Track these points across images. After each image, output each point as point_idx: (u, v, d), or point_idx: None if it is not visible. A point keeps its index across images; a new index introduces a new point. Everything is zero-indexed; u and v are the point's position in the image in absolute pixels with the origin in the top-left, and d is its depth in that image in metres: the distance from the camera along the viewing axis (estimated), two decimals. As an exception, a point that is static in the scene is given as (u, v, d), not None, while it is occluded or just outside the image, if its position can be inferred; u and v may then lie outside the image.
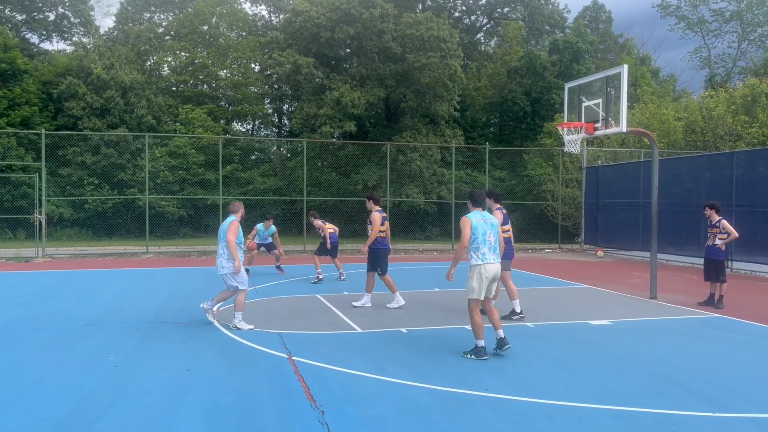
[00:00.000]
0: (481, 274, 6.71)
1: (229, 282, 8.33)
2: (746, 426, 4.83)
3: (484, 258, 6.70)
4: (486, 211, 7.10)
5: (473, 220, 6.72)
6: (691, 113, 25.64)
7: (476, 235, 6.68)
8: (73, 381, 5.87)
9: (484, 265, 6.70)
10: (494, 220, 6.96)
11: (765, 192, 15.23)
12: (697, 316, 9.61)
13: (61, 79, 28.26)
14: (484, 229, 6.73)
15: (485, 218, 6.85)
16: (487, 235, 6.73)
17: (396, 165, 28.33)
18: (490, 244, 6.74)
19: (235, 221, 8.34)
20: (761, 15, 43.98)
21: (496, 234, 6.87)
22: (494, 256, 6.79)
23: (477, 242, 6.68)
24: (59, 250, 20.25)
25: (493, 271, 6.76)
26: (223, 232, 8.33)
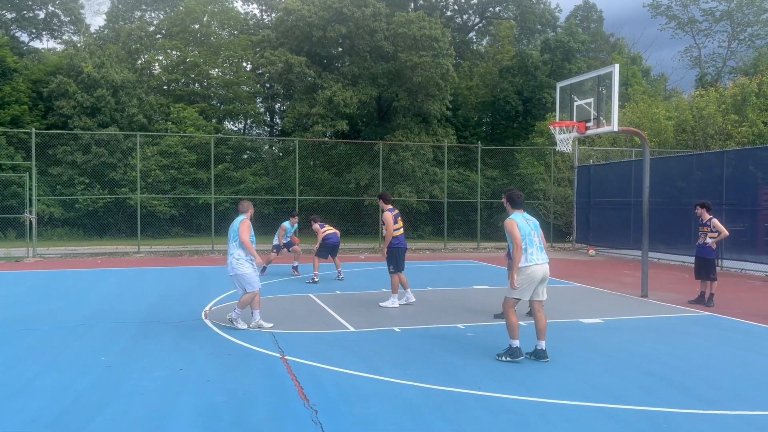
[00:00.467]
0: (528, 275, 6.56)
1: (236, 282, 8.30)
2: (737, 423, 4.87)
3: (531, 259, 6.57)
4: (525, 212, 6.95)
5: (518, 221, 6.65)
6: (681, 112, 25.80)
7: (523, 236, 6.59)
8: (65, 381, 5.84)
9: (532, 267, 6.56)
10: (535, 220, 6.90)
11: (755, 191, 15.35)
12: (688, 314, 9.68)
13: (51, 77, 28.09)
14: (529, 230, 6.65)
15: (527, 219, 6.80)
16: (532, 236, 6.65)
17: (388, 164, 28.34)
18: (536, 245, 6.65)
19: (246, 220, 8.30)
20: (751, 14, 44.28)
21: (539, 234, 6.79)
22: (542, 257, 6.65)
23: (524, 243, 6.57)
24: (50, 250, 20.13)
25: (542, 273, 6.60)
26: (234, 231, 8.26)
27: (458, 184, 30.73)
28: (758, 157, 15.80)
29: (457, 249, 23.29)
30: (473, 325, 8.53)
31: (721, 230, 10.41)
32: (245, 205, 8.57)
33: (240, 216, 8.41)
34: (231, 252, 8.26)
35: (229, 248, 8.33)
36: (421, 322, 8.70)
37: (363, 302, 10.43)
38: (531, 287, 6.60)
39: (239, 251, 8.18)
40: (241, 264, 8.14)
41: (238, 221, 8.29)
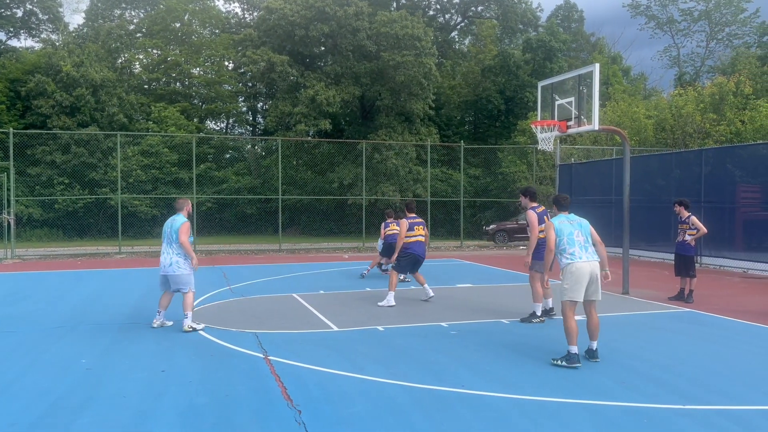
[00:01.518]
0: (573, 273, 6.51)
1: (173, 282, 8.09)
2: (715, 417, 4.95)
3: (574, 257, 6.53)
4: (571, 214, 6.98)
5: (556, 223, 6.73)
6: (661, 111, 26.11)
7: (561, 236, 6.63)
8: (45, 384, 5.77)
9: (575, 263, 6.50)
10: (582, 221, 6.86)
11: (732, 189, 15.58)
12: (668, 310, 9.80)
13: (29, 76, 27.74)
14: (570, 230, 6.66)
15: (571, 220, 6.82)
16: (574, 235, 6.63)
17: (372, 163, 28.35)
18: (581, 243, 6.60)
19: (186, 222, 8.10)
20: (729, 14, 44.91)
21: (586, 233, 6.74)
22: (587, 255, 6.57)
23: (563, 243, 6.60)
24: (29, 251, 19.88)
25: (588, 270, 6.49)
26: (174, 232, 8.06)
27: (441, 183, 30.84)
28: (736, 156, 16.03)
29: (440, 248, 23.36)
30: (456, 324, 8.56)
31: (700, 227, 10.55)
32: (181, 203, 8.35)
33: (178, 215, 8.22)
34: (171, 252, 8.04)
35: (164, 248, 8.11)
36: (405, 321, 8.72)
37: (347, 302, 10.43)
38: (580, 285, 6.48)
39: (181, 251, 8.05)
40: (182, 265, 8.04)
41: (178, 222, 8.08)
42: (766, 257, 14.48)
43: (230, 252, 21.28)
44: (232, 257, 19.45)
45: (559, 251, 6.65)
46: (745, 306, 10.18)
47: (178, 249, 8.03)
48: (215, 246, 22.58)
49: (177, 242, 8.01)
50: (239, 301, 10.43)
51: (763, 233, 14.92)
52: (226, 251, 21.49)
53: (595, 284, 6.56)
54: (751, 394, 5.52)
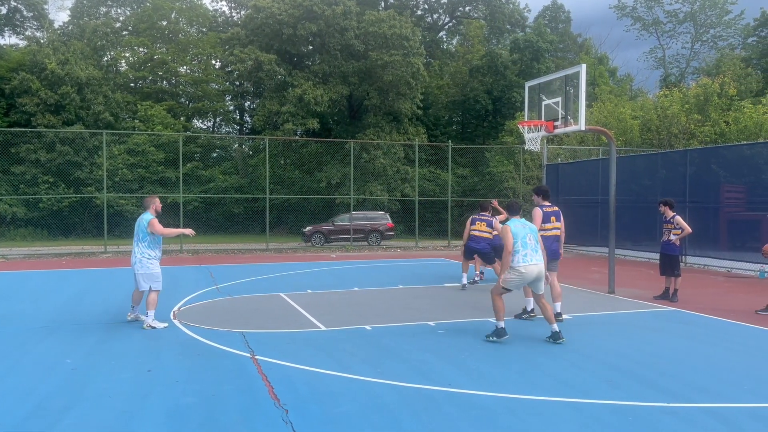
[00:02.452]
0: (522, 273, 7.22)
1: (142, 280, 8.26)
2: (699, 415, 4.99)
3: (526, 259, 7.22)
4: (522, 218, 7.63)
5: (512, 227, 7.33)
6: (647, 112, 26.32)
7: (516, 239, 7.24)
8: (29, 385, 5.72)
9: (526, 265, 7.21)
10: (532, 226, 7.58)
11: (717, 189, 15.74)
12: (653, 309, 9.88)
13: (13, 74, 27.43)
14: (524, 234, 7.31)
15: (523, 224, 7.48)
16: (527, 239, 7.29)
17: (360, 162, 28.33)
18: (531, 246, 7.29)
19: (153, 219, 8.24)
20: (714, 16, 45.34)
21: (535, 237, 7.42)
22: (536, 258, 7.30)
23: (518, 245, 7.23)
24: (12, 251, 19.67)
25: (536, 271, 7.25)
26: (141, 231, 8.24)
27: (429, 183, 30.88)
28: (720, 156, 16.20)
29: (428, 247, 23.39)
30: (444, 323, 8.58)
31: (684, 227, 10.64)
32: (147, 201, 8.52)
33: (145, 213, 8.37)
34: (139, 251, 8.24)
35: (135, 246, 8.28)
36: (393, 320, 8.72)
37: (334, 301, 10.42)
38: (521, 283, 7.38)
39: (148, 250, 8.23)
40: (151, 262, 8.23)
41: (146, 219, 8.24)
42: (750, 257, 14.63)
43: (217, 251, 21.19)
44: (219, 257, 19.37)
45: (513, 251, 7.25)
46: (728, 305, 10.29)
47: (144, 248, 8.24)
48: (202, 245, 22.46)
49: (143, 241, 8.23)
50: (226, 301, 10.39)
51: (747, 233, 15.08)
52: (212, 251, 21.39)
53: (539, 282, 7.36)
54: (734, 392, 5.58)
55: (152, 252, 8.31)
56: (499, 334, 7.34)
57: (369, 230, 24.07)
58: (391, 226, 24.65)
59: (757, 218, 14.67)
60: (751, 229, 14.91)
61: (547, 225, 8.63)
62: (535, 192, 9.07)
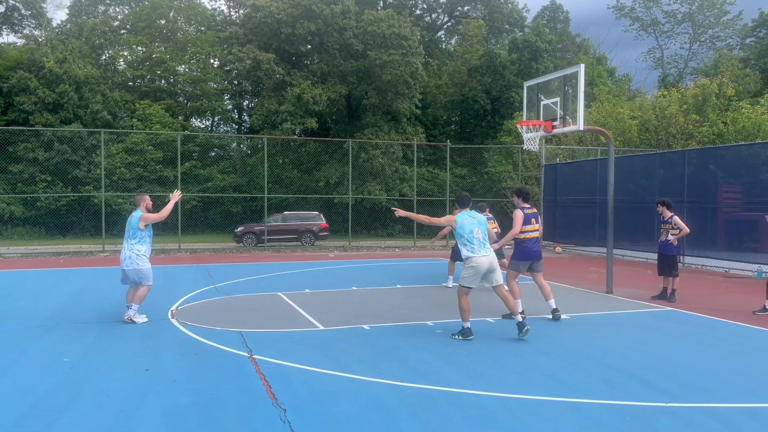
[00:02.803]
0: (473, 266, 7.35)
1: (133, 277, 8.37)
2: (697, 415, 5.00)
3: (474, 252, 7.34)
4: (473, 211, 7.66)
5: (459, 220, 7.42)
6: (645, 112, 26.33)
7: (463, 232, 7.36)
8: (26, 384, 5.71)
9: (475, 257, 7.32)
10: (482, 218, 7.59)
11: (714, 189, 15.75)
12: (651, 309, 9.89)
13: (11, 72, 27.38)
14: (471, 227, 7.38)
15: (472, 217, 7.52)
16: (474, 232, 7.37)
17: (358, 162, 28.33)
18: (479, 240, 7.38)
19: (144, 214, 8.42)
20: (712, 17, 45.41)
21: (484, 231, 7.49)
22: (484, 250, 7.39)
23: (464, 239, 7.35)
24: (10, 250, 19.64)
25: (486, 263, 7.32)
26: (131, 227, 8.38)
27: (427, 183, 30.88)
28: (718, 156, 16.21)
29: (426, 247, 23.39)
30: (442, 322, 8.58)
31: (682, 227, 10.65)
32: (138, 198, 8.70)
33: (136, 211, 8.53)
34: (129, 247, 8.36)
35: (125, 243, 8.41)
36: (390, 320, 8.72)
37: (332, 300, 10.42)
38: (478, 277, 7.39)
39: (138, 246, 8.36)
40: (140, 259, 8.33)
41: (136, 217, 8.40)
42: (747, 257, 14.65)
43: (215, 251, 21.17)
44: (217, 256, 19.35)
45: (461, 244, 7.41)
46: (726, 305, 10.31)
47: (134, 244, 8.35)
48: (200, 244, 22.43)
49: (133, 237, 8.34)
50: (224, 300, 10.38)
51: (744, 233, 15.10)
52: (211, 250, 21.36)
53: (494, 273, 7.42)
54: (732, 392, 5.58)
55: (141, 248, 8.41)
56: (465, 334, 7.45)
57: (303, 231, 23.69)
58: (324, 226, 24.16)
59: (754, 218, 14.69)
60: (749, 230, 14.93)
61: (527, 227, 8.67)
62: (516, 193, 9.06)
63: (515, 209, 8.86)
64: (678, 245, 11.04)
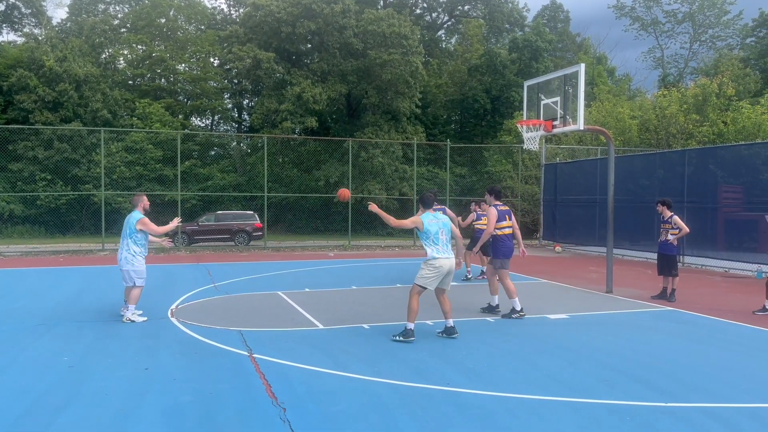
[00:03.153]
0: (435, 267, 7.27)
1: (127, 276, 8.43)
2: (696, 415, 5.00)
3: (439, 252, 7.27)
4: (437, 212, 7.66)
5: (425, 221, 7.36)
6: (645, 112, 26.33)
7: (429, 233, 7.29)
8: (25, 382, 5.70)
9: (439, 259, 7.26)
10: (446, 220, 7.53)
11: (714, 189, 15.75)
12: (651, 309, 9.89)
13: (11, 71, 27.36)
14: (436, 229, 7.34)
15: (437, 218, 7.46)
16: (439, 234, 7.33)
17: (358, 161, 28.32)
18: (443, 242, 7.33)
19: (142, 218, 8.51)
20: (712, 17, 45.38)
21: (447, 233, 7.44)
22: (447, 252, 7.35)
23: (429, 240, 7.30)
24: (10, 248, 19.64)
25: (448, 265, 7.29)
26: (129, 228, 8.46)
27: (427, 182, 30.87)
28: (718, 156, 16.21)
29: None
30: (442, 322, 8.57)
31: (682, 227, 10.65)
32: (136, 199, 8.81)
33: (134, 212, 8.61)
34: (125, 247, 8.45)
35: (122, 243, 8.51)
36: (390, 319, 8.72)
37: (332, 299, 10.41)
38: (438, 278, 7.30)
39: (134, 246, 8.46)
40: (135, 259, 8.43)
41: (134, 218, 8.49)
42: (747, 257, 14.66)
43: (215, 249, 21.16)
44: (217, 255, 19.35)
45: (426, 244, 7.32)
46: (726, 305, 10.30)
47: (131, 244, 8.44)
48: (200, 243, 22.42)
49: (130, 237, 8.44)
50: (224, 299, 10.38)
51: (744, 233, 15.10)
52: (210, 249, 21.35)
53: (450, 277, 7.39)
54: (731, 392, 5.58)
55: (137, 248, 8.50)
56: (406, 335, 7.32)
57: (236, 230, 23.29)
58: (258, 226, 23.60)
59: (754, 218, 14.69)
60: (749, 230, 14.93)
61: (502, 223, 8.89)
62: (489, 192, 9.21)
63: (489, 207, 9.00)
64: (678, 245, 11.03)
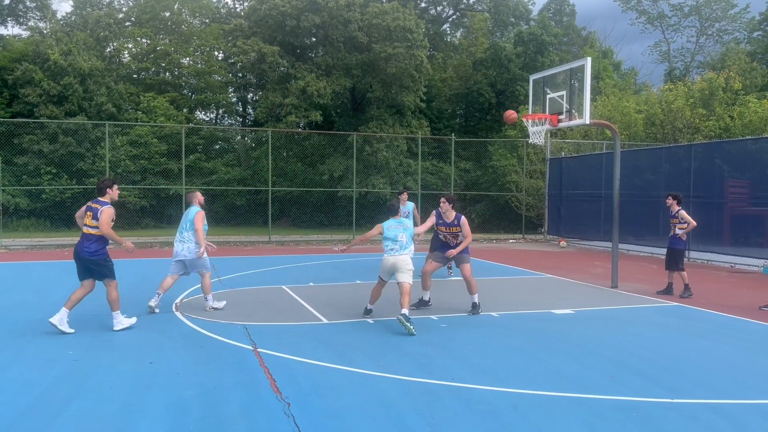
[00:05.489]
0: (384, 262, 8.31)
1: (193, 267, 8.89)
2: (702, 411, 4.97)
3: (390, 252, 8.20)
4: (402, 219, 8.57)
5: (385, 227, 8.33)
6: (651, 106, 26.18)
7: (388, 236, 8.24)
8: (30, 376, 5.71)
9: (387, 257, 8.23)
10: (409, 226, 8.49)
11: (721, 184, 15.67)
12: (656, 304, 9.85)
13: (16, 65, 27.35)
14: (395, 233, 8.23)
15: (399, 223, 8.41)
16: (399, 237, 8.21)
17: (362, 155, 28.26)
18: (402, 243, 8.17)
19: (201, 212, 8.92)
20: (719, 10, 45.07)
21: (408, 235, 8.33)
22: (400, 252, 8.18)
23: (388, 241, 8.23)
24: (15, 242, 19.69)
25: (392, 261, 8.18)
26: (188, 221, 8.84)
27: (432, 176, 30.80)
28: (725, 151, 16.12)
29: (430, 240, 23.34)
30: (447, 317, 8.57)
31: (689, 221, 10.60)
32: (190, 197, 9.29)
33: (193, 207, 9.06)
34: (186, 239, 8.83)
35: (182, 236, 8.88)
36: (395, 313, 8.68)
37: (337, 294, 10.41)
38: (386, 271, 8.29)
39: (194, 238, 8.81)
40: (190, 250, 8.79)
41: (193, 212, 8.91)
42: (753, 252, 14.58)
43: (219, 243, 21.17)
44: (222, 249, 19.37)
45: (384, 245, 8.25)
46: (732, 300, 10.26)
47: (192, 236, 8.83)
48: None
49: (190, 230, 8.85)
50: (228, 293, 10.38)
51: (750, 228, 15.03)
52: (215, 243, 21.35)
53: (398, 272, 8.13)
54: (737, 388, 5.56)
55: (195, 239, 8.87)
56: (365, 312, 8.59)
57: None
58: None
59: (761, 213, 14.61)
60: (756, 225, 14.85)
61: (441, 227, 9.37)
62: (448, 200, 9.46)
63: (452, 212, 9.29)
64: (686, 240, 10.96)
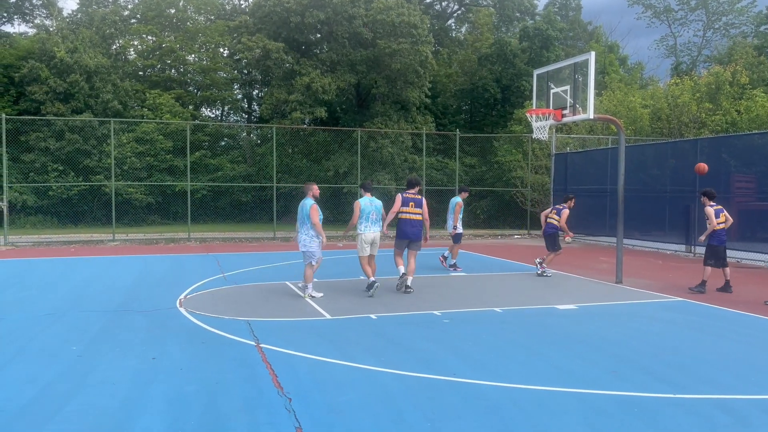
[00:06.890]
0: (362, 239, 9.66)
1: (307, 258, 9.46)
2: (705, 406, 4.95)
3: (366, 229, 9.65)
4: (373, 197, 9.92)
5: (362, 204, 9.64)
6: (657, 101, 26.03)
7: (362, 214, 9.61)
8: (33, 371, 5.75)
9: (364, 234, 9.62)
10: (378, 203, 9.82)
11: (727, 179, 15.58)
12: (661, 300, 9.81)
13: (23, 62, 27.45)
14: (369, 210, 9.64)
15: (371, 201, 9.78)
16: (371, 215, 9.63)
17: (367, 151, 28.25)
18: (373, 220, 9.69)
19: (314, 205, 9.42)
20: (726, 4, 44.74)
21: (378, 213, 9.77)
22: (373, 228, 9.74)
23: (362, 219, 9.58)
24: (22, 238, 19.80)
25: (371, 237, 9.70)
26: (305, 215, 9.39)
27: (437, 172, 30.76)
28: (731, 145, 16.02)
29: (435, 236, 23.32)
30: (449, 312, 8.56)
31: (710, 220, 10.54)
32: (306, 188, 9.78)
33: (307, 199, 9.53)
34: (305, 230, 9.45)
35: (301, 227, 9.51)
36: (398, 309, 8.71)
37: (339, 290, 10.42)
38: (365, 247, 9.73)
39: (312, 231, 9.41)
40: (312, 241, 9.42)
41: (308, 205, 9.42)
42: (759, 247, 14.50)
43: (224, 240, 21.22)
44: (227, 245, 19.41)
45: (358, 222, 9.62)
46: (736, 296, 10.21)
47: (309, 228, 9.38)
48: (209, 234, 22.49)
49: (308, 223, 9.37)
50: (232, 289, 10.41)
51: (757, 223, 14.94)
52: (220, 239, 21.41)
53: (375, 246, 9.85)
54: (740, 384, 5.53)
55: (313, 232, 9.40)
56: (369, 286, 9.58)
57: None
58: None
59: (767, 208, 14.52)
60: (762, 220, 14.76)
61: (405, 208, 10.22)
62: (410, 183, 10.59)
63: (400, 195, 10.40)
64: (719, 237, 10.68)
